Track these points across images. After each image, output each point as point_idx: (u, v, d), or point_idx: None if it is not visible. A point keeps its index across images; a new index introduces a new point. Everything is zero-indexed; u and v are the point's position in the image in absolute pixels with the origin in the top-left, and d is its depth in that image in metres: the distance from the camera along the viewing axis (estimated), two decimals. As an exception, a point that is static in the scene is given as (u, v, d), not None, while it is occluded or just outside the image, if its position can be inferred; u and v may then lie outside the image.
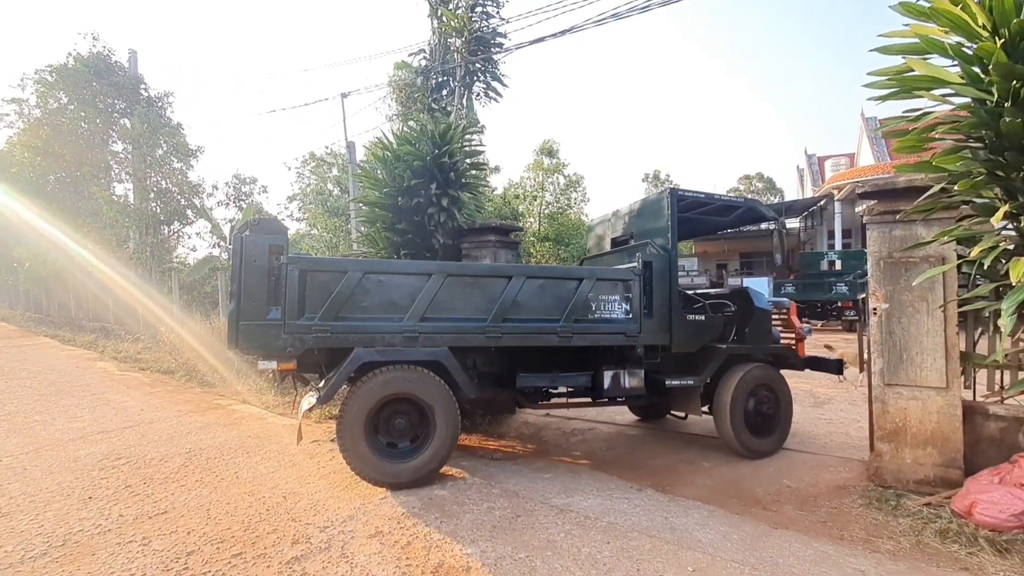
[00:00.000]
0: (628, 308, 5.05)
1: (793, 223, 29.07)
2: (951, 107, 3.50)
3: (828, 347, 6.99)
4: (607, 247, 6.63)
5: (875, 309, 4.86)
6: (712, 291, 6.47)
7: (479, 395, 4.77)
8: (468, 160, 7.86)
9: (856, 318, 17.36)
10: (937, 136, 3.65)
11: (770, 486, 4.73)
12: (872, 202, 4.86)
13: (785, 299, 6.67)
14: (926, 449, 4.57)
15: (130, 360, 11.76)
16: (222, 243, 17.78)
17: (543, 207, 36.69)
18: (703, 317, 5.41)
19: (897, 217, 4.67)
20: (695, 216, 5.90)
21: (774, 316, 6.16)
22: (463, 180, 7.83)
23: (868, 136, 27.79)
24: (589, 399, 5.41)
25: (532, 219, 36.40)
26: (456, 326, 4.59)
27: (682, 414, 6.47)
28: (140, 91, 19.20)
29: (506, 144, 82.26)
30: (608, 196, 76.23)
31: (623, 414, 7.32)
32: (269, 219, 4.36)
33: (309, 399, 4.49)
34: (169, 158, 18.41)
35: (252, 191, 20.55)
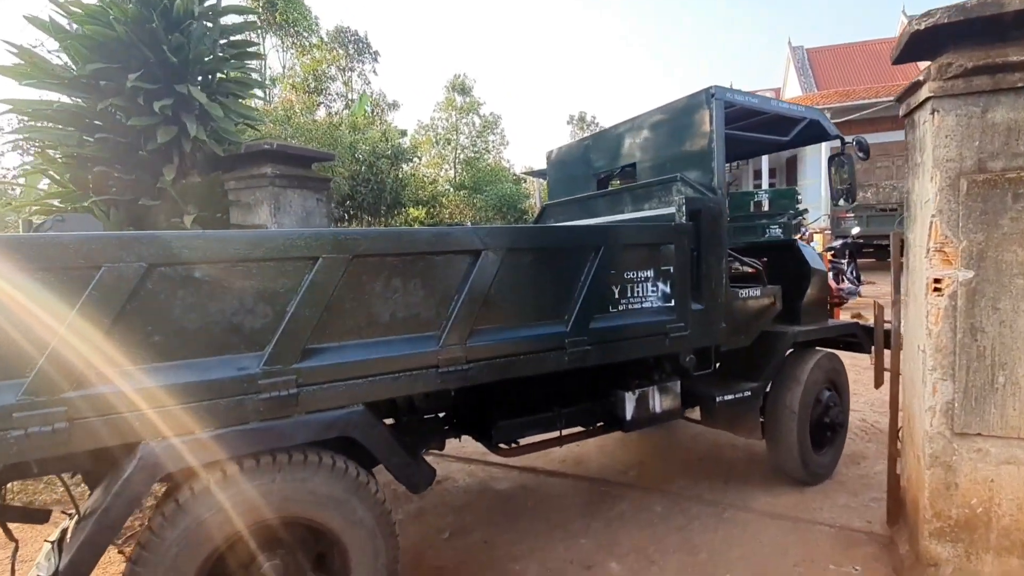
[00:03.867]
0: (667, 290, 3.12)
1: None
2: None
3: (858, 316, 5.37)
4: (585, 187, 4.57)
5: (937, 282, 2.34)
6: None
7: (422, 478, 2.55)
8: (224, 42, 4.60)
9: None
10: None
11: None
12: (944, 59, 2.24)
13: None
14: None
15: None
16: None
17: (458, 152, 33.17)
18: (759, 292, 3.72)
19: (1004, 83, 2.10)
20: (736, 133, 3.88)
21: None
22: (215, 77, 4.59)
23: (795, 66, 26.31)
24: (584, 429, 3.47)
25: (448, 165, 32.89)
26: (378, 359, 2.28)
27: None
28: None
29: (409, 77, 75.38)
30: (530, 140, 72.50)
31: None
32: None
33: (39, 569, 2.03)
34: None
35: None
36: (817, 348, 4.13)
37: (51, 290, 1.76)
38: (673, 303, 3.11)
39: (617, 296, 2.94)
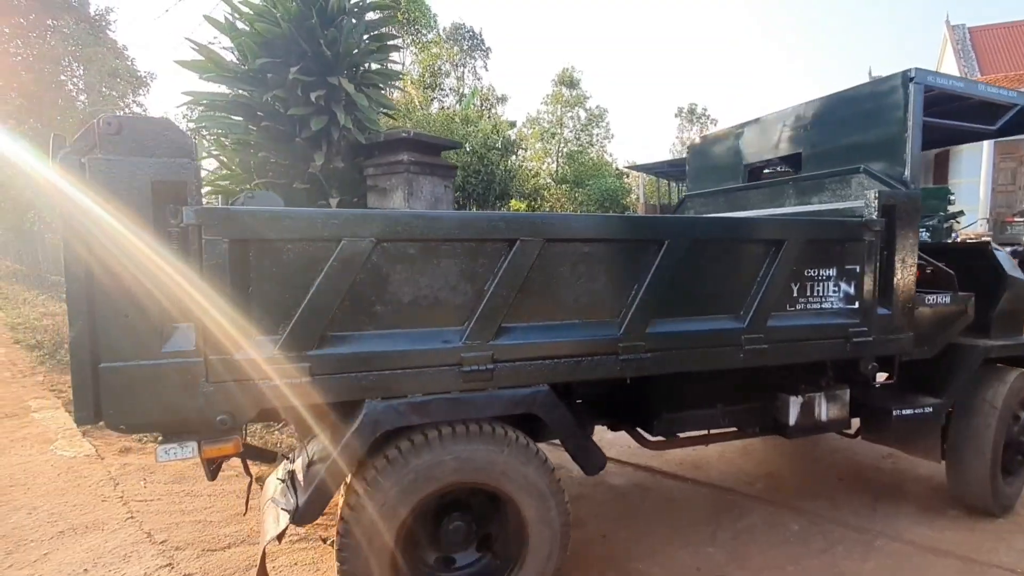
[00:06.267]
0: (851, 291, 2.96)
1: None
2: None
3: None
4: (731, 178, 4.35)
5: None
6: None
7: (596, 460, 2.67)
8: (367, 37, 4.88)
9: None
10: None
11: None
12: None
13: None
14: None
15: (17, 328, 9.60)
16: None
17: (561, 145, 33.06)
18: (948, 299, 3.38)
19: None
20: (932, 120, 3.51)
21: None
22: (360, 69, 4.89)
23: (954, 47, 23.09)
24: (735, 429, 3.37)
25: (550, 158, 32.92)
26: (561, 342, 2.43)
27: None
28: (73, 4, 16.40)
29: (518, 72, 76.15)
30: (635, 133, 70.28)
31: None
32: (148, 120, 2.14)
33: (276, 511, 2.33)
34: (121, 86, 15.90)
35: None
36: (1014, 364, 3.70)
37: (300, 258, 2.03)
38: (857, 305, 2.92)
39: (796, 294, 2.82)
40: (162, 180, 1.92)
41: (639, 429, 3.21)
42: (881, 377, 3.36)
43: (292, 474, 2.47)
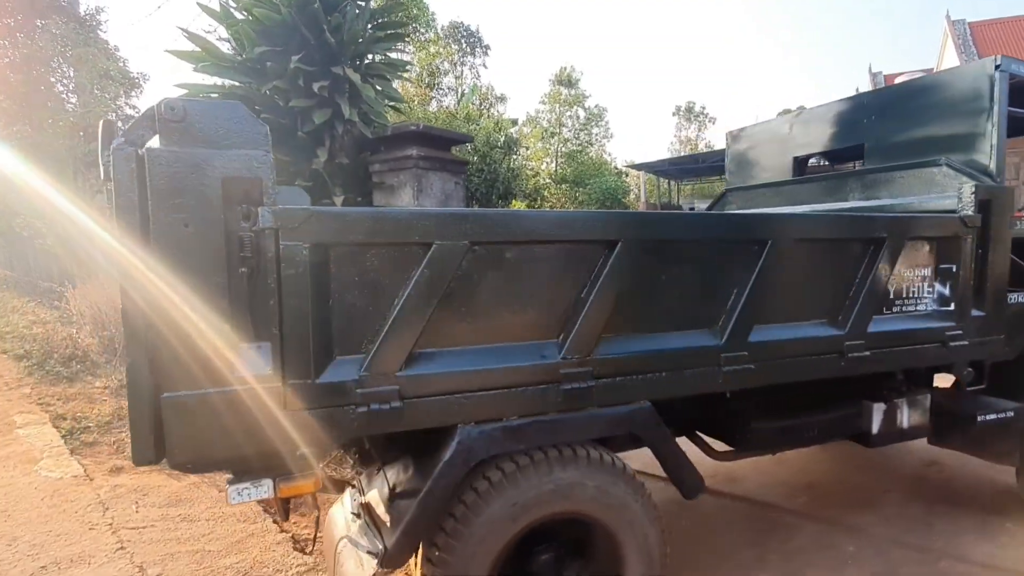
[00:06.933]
0: (946, 292, 2.85)
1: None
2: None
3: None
4: (776, 170, 4.19)
5: None
6: None
7: (696, 481, 2.47)
8: (372, 25, 4.58)
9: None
10: None
11: None
12: None
13: None
14: None
15: (5, 337, 9.24)
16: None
17: (560, 144, 32.80)
18: None
19: None
20: (1018, 111, 3.33)
21: None
22: (365, 59, 4.60)
23: (955, 42, 23.00)
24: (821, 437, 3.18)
25: (549, 158, 32.67)
26: (661, 353, 2.24)
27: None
28: (63, 4, 16.08)
29: (517, 71, 76.01)
30: (633, 132, 70.12)
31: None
32: (217, 105, 1.88)
33: (357, 555, 2.10)
34: (113, 87, 15.55)
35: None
36: None
37: (386, 265, 1.79)
38: (952, 307, 2.81)
39: (892, 296, 2.70)
40: (233, 176, 1.63)
41: (719, 442, 3.01)
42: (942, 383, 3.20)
43: (367, 508, 2.21)
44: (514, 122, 14.59)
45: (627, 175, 32.98)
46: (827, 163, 4.49)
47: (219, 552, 3.11)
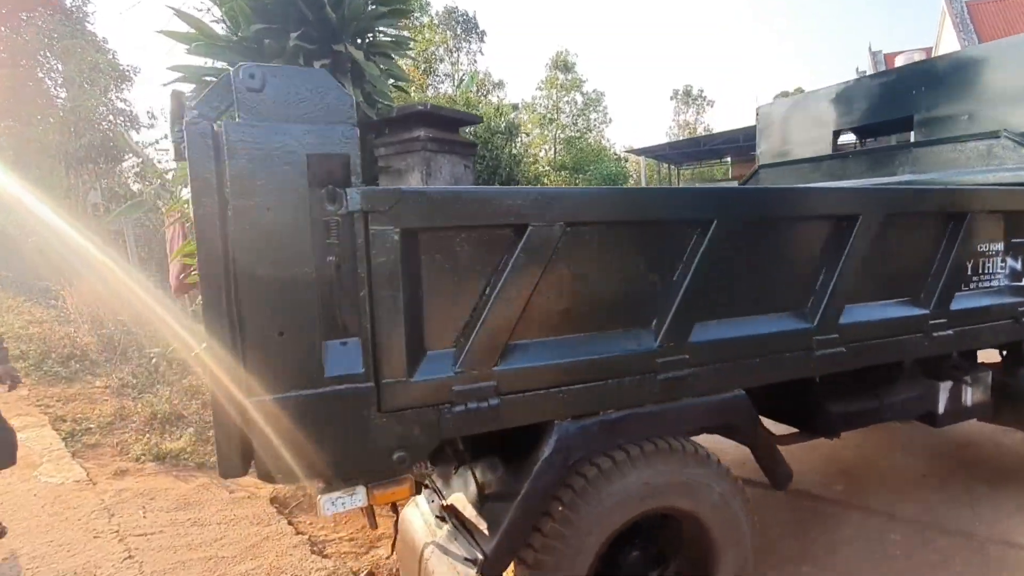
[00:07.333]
0: (1018, 267, 2.83)
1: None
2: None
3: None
4: (812, 145, 4.12)
5: None
6: None
7: (785, 471, 2.43)
8: (374, 0, 4.34)
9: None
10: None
11: None
12: None
13: None
14: None
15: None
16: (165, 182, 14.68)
17: (558, 130, 32.42)
18: None
19: None
20: None
21: None
22: (368, 37, 4.37)
23: (953, 21, 22.78)
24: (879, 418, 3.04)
25: (547, 145, 32.30)
26: (754, 338, 2.14)
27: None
28: (48, -4, 15.69)
29: (514, 56, 75.25)
30: (631, 117, 69.47)
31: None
32: (299, 73, 1.59)
33: (449, 563, 1.97)
34: (102, 79, 15.20)
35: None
36: None
37: (478, 250, 1.66)
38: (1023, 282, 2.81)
39: (970, 272, 2.66)
40: (319, 153, 1.46)
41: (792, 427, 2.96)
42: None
43: (452, 512, 2.07)
44: (515, 107, 14.31)
45: (627, 160, 32.69)
46: (857, 140, 4.36)
47: (233, 558, 2.95)
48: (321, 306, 1.50)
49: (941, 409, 2.94)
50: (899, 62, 24.65)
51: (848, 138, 4.78)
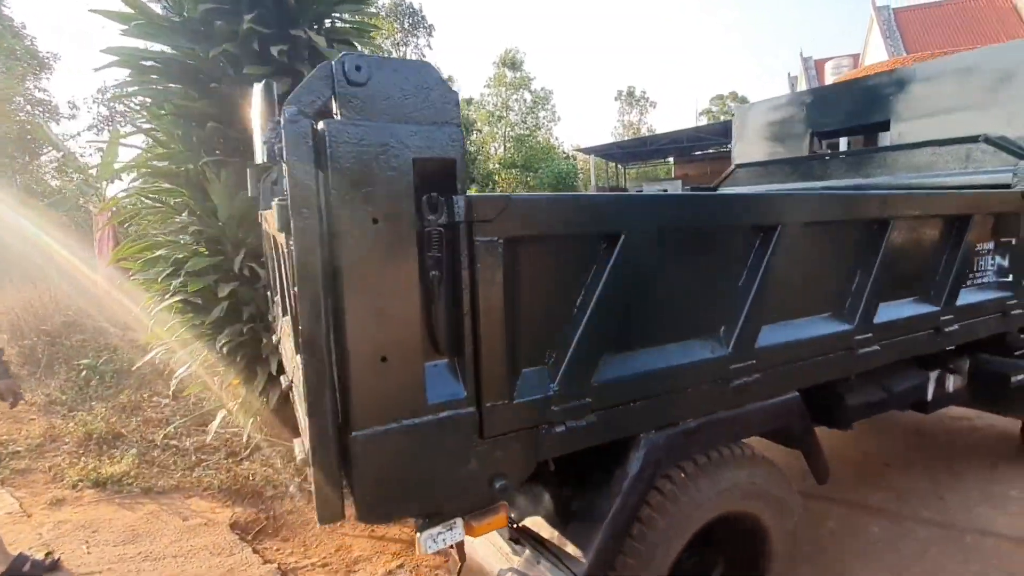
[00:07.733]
0: (1006, 264, 3.04)
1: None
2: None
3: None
4: (791, 147, 4.21)
5: None
6: None
7: (825, 466, 2.51)
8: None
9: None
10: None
11: None
12: None
13: None
14: None
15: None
16: (89, 178, 13.51)
17: (508, 128, 32.37)
18: None
19: None
20: None
21: None
22: (327, 22, 4.11)
23: (880, 28, 24.21)
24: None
25: (496, 143, 32.19)
26: (805, 340, 2.18)
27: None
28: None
29: (462, 52, 74.93)
30: (578, 116, 70.63)
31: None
32: (405, 65, 1.35)
33: None
34: (21, 68, 13.80)
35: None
36: None
37: (574, 259, 1.60)
38: (1011, 278, 2.99)
39: (966, 270, 2.82)
40: (426, 157, 1.32)
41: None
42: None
43: (527, 534, 1.95)
44: (468, 102, 14.10)
45: (575, 159, 33.04)
46: (820, 143, 4.51)
47: (194, 596, 2.66)
48: (424, 326, 1.39)
49: (930, 397, 3.11)
50: (828, 68, 25.97)
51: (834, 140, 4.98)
